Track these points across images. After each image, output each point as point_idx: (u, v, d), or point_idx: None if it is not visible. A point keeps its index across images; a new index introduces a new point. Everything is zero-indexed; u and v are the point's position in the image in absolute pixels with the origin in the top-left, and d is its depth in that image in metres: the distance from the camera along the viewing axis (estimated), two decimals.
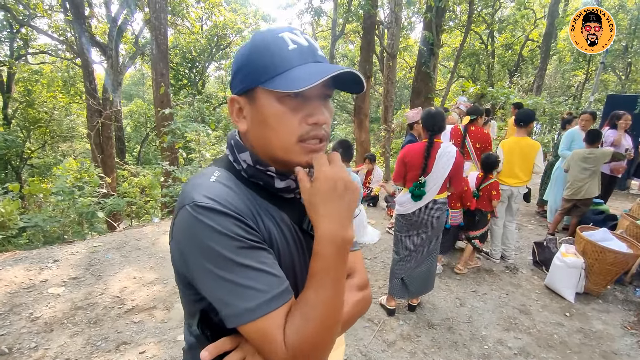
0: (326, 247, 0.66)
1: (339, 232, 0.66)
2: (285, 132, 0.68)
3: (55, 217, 6.13)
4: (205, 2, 17.20)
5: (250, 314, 0.61)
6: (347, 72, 0.66)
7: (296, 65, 0.66)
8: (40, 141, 17.54)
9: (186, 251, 0.65)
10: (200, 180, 0.70)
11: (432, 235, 2.98)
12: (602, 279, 3.43)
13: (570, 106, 14.79)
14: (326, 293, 0.65)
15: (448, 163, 2.76)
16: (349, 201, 0.67)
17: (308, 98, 0.68)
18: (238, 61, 0.71)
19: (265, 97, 0.67)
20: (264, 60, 0.67)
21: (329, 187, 0.66)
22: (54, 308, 3.01)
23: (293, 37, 0.68)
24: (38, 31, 13.65)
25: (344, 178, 0.66)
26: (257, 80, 0.67)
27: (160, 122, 8.55)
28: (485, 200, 3.72)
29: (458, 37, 17.39)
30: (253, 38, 0.70)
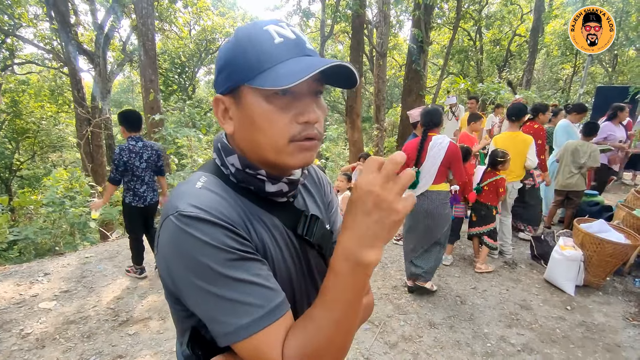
0: (340, 263, 0.57)
1: (355, 250, 0.55)
2: (275, 132, 0.62)
3: (46, 228, 6.02)
4: (193, 6, 17.09)
5: (243, 331, 0.56)
6: (339, 65, 0.59)
7: (283, 60, 0.60)
8: (30, 152, 17.31)
9: (172, 265, 0.60)
10: (185, 188, 0.65)
11: (434, 225, 3.11)
12: (602, 270, 3.42)
13: (560, 99, 14.92)
14: (335, 315, 0.58)
15: (439, 153, 2.99)
16: (378, 220, 0.53)
17: (298, 95, 0.62)
18: (221, 58, 0.65)
19: (252, 95, 0.62)
20: (249, 57, 0.61)
21: (357, 198, 0.54)
22: (46, 323, 2.92)
23: (279, 30, 0.62)
24: (24, 41, 13.45)
25: (375, 192, 0.52)
26: (242, 78, 0.61)
27: (150, 129, 8.44)
28: (492, 194, 3.71)
29: (447, 34, 17.46)
30: (236, 33, 0.65)
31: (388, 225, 0.53)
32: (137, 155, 3.43)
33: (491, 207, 3.74)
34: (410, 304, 3.24)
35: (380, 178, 0.52)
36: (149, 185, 3.58)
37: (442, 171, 3.05)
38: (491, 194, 3.72)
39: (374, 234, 0.53)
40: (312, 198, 0.85)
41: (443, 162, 3.00)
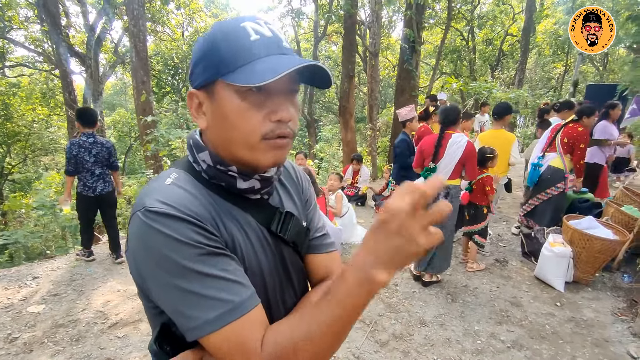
0: (351, 273, 0.56)
1: (369, 266, 0.54)
2: (248, 129, 0.62)
3: (37, 232, 5.97)
4: (186, 8, 17.05)
5: (210, 325, 0.56)
6: (314, 65, 0.60)
7: (259, 58, 0.60)
8: (21, 155, 17.12)
9: (140, 261, 0.60)
10: (155, 184, 0.65)
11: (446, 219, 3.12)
12: (590, 266, 3.44)
13: (552, 98, 15.03)
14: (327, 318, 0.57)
15: (458, 151, 3.14)
16: (398, 247, 0.52)
17: (272, 93, 0.62)
18: (197, 52, 0.65)
19: (226, 91, 0.61)
20: (224, 52, 0.61)
21: (384, 219, 0.52)
22: (34, 327, 2.89)
23: (256, 27, 0.62)
24: (14, 43, 13.33)
25: (402, 221, 0.50)
26: (216, 73, 0.61)
27: (143, 130, 8.42)
28: (480, 194, 3.69)
29: (439, 34, 17.55)
30: (213, 28, 0.64)
31: (405, 253, 0.52)
32: (86, 150, 3.75)
33: (480, 207, 3.71)
34: (401, 303, 3.24)
35: (410, 206, 0.49)
36: (100, 177, 3.88)
37: (458, 168, 3.22)
38: (479, 193, 3.69)
39: (390, 258, 0.53)
40: (288, 195, 0.85)
41: (460, 160, 3.17)
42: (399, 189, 0.52)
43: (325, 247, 0.86)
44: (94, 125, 3.83)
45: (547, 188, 4.10)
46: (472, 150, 3.20)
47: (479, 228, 3.74)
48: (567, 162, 3.99)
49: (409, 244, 0.51)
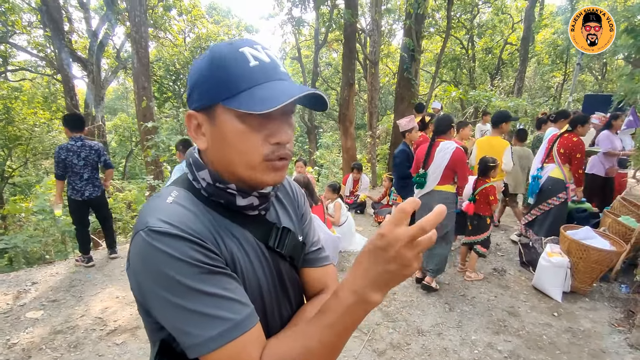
0: (345, 293, 0.59)
1: (364, 288, 0.57)
2: (248, 151, 0.65)
3: (37, 236, 5.97)
4: (188, 14, 17.18)
5: (212, 343, 0.58)
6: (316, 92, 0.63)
7: (259, 83, 0.63)
8: (22, 159, 17.14)
9: (142, 279, 0.62)
10: (156, 203, 0.67)
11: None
12: (588, 277, 3.46)
13: (551, 107, 15.10)
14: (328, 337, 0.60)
15: (445, 157, 3.28)
16: (394, 271, 0.56)
17: (270, 116, 0.64)
18: (195, 75, 0.67)
19: (226, 115, 0.64)
20: (224, 77, 0.63)
21: (379, 246, 0.56)
22: (32, 333, 2.90)
23: (254, 53, 0.65)
24: (17, 48, 13.42)
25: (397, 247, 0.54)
26: (217, 97, 0.64)
27: (144, 136, 8.45)
28: (483, 204, 3.69)
29: (439, 43, 17.67)
30: (211, 52, 0.66)
31: (400, 277, 0.57)
32: (74, 154, 3.84)
33: (483, 217, 3.70)
34: (399, 312, 3.25)
35: (407, 237, 0.53)
36: (88, 181, 3.98)
37: (447, 174, 3.33)
38: (482, 204, 3.69)
39: (385, 281, 0.57)
40: (285, 210, 0.87)
41: (448, 165, 3.28)
42: (394, 213, 0.55)
43: (321, 261, 0.88)
44: (81, 129, 3.95)
45: (548, 198, 4.14)
46: (461, 157, 3.30)
47: (482, 239, 3.73)
48: (567, 172, 4.03)
49: (404, 269, 0.55)
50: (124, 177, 18.90)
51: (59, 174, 3.85)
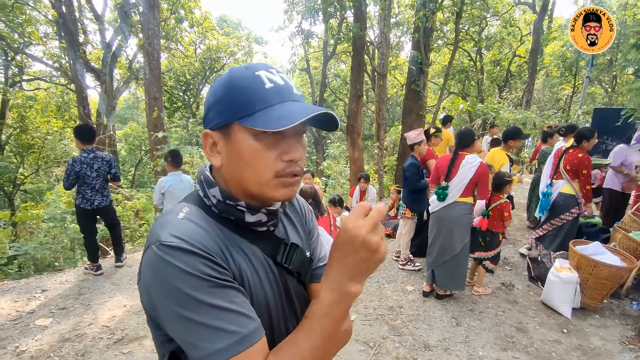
0: (327, 293, 0.65)
1: (344, 283, 0.64)
2: (261, 168, 0.67)
3: (47, 244, 6.05)
4: (199, 26, 17.53)
5: (219, 356, 0.60)
6: (324, 112, 0.67)
7: (274, 104, 0.66)
8: (34, 166, 17.45)
9: (152, 292, 0.64)
10: (168, 218, 0.69)
11: (455, 233, 3.45)
12: (598, 293, 3.40)
13: (560, 119, 15.01)
14: (317, 340, 0.65)
15: (470, 171, 3.35)
16: (365, 259, 0.61)
17: (284, 135, 0.68)
18: (213, 96, 0.70)
19: (242, 133, 0.67)
20: (241, 97, 0.67)
21: (346, 240, 0.61)
22: (41, 341, 2.93)
23: (269, 76, 0.69)
24: (33, 58, 13.76)
25: (360, 235, 0.59)
26: (233, 116, 0.67)
27: (154, 146, 8.56)
28: (496, 220, 3.65)
29: (447, 55, 17.75)
30: (229, 75, 0.70)
31: (373, 263, 0.62)
32: (88, 165, 3.92)
33: (496, 234, 3.66)
34: (405, 325, 3.23)
35: (368, 225, 0.60)
36: (99, 192, 4.06)
37: (469, 187, 3.40)
38: (496, 220, 3.65)
39: (360, 270, 0.63)
40: (293, 226, 0.89)
41: (472, 179, 3.36)
42: (352, 211, 0.62)
43: None
44: (93, 141, 4.03)
45: (561, 214, 4.09)
46: (485, 172, 3.38)
47: (492, 255, 3.69)
48: (577, 188, 3.99)
49: (374, 254, 0.61)
50: (133, 185, 19.10)
51: (67, 186, 3.92)
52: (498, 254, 3.73)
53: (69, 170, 3.85)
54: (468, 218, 3.47)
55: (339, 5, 8.72)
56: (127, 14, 10.95)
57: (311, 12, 10.65)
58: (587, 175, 3.93)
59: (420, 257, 4.66)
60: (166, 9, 14.44)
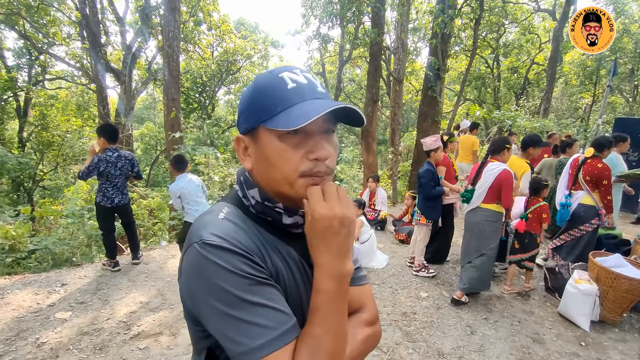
0: (325, 282, 0.68)
1: (336, 266, 0.68)
2: (287, 168, 0.69)
3: (65, 239, 6.19)
4: (217, 29, 17.78)
5: (259, 351, 0.61)
6: (346, 106, 0.66)
7: (295, 104, 0.67)
8: (53, 163, 17.88)
9: (194, 289, 0.66)
10: (209, 218, 0.71)
11: (480, 238, 3.55)
12: (618, 306, 3.33)
13: (579, 128, 14.75)
14: (330, 326, 0.67)
15: (490, 178, 3.46)
16: (345, 235, 0.68)
17: (309, 134, 0.69)
18: (242, 102, 0.74)
19: (267, 135, 0.69)
20: (264, 101, 0.69)
21: (325, 226, 0.66)
22: (60, 333, 3.00)
23: (292, 77, 0.70)
24: (56, 58, 14.14)
25: (337, 215, 0.66)
26: (258, 119, 0.69)
27: (170, 146, 8.70)
28: (535, 222, 3.79)
29: (464, 61, 17.63)
30: (255, 80, 0.73)
31: (352, 234, 0.70)
32: (113, 165, 4.03)
33: (535, 235, 3.82)
34: (419, 332, 3.21)
35: (335, 203, 0.67)
36: (119, 190, 4.17)
37: (491, 194, 3.48)
38: (534, 222, 3.78)
39: (346, 248, 0.69)
40: None
41: (493, 185, 3.44)
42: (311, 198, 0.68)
43: (358, 280, 0.89)
44: (117, 140, 4.14)
45: (580, 225, 4.02)
46: (506, 178, 3.40)
47: (529, 256, 3.85)
48: (597, 199, 3.93)
49: (350, 226, 0.68)
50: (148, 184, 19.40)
51: (83, 177, 3.95)
52: (535, 255, 3.87)
53: (91, 167, 3.93)
54: (490, 225, 3.52)
55: (357, 11, 8.74)
56: (148, 17, 11.18)
57: (329, 16, 10.71)
58: (608, 185, 3.86)
59: (434, 264, 4.63)
60: (185, 11, 14.69)
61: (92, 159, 3.94)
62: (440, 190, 4.12)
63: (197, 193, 4.16)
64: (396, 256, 5.06)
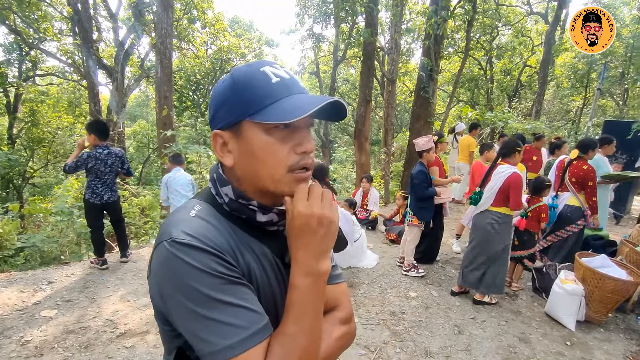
0: (301, 279, 0.68)
1: (313, 264, 0.68)
2: (275, 163, 0.68)
3: (53, 237, 6.12)
4: (211, 27, 17.68)
5: (230, 351, 0.60)
6: (333, 100, 0.67)
7: (283, 97, 0.67)
8: (43, 160, 17.66)
9: (164, 288, 0.64)
10: (180, 215, 0.70)
11: (489, 240, 3.57)
12: (603, 306, 3.37)
13: (570, 130, 14.91)
14: (304, 325, 0.67)
15: (499, 180, 3.48)
16: (324, 235, 0.68)
17: (296, 128, 0.69)
18: (220, 96, 0.71)
19: (253, 129, 0.68)
20: (249, 94, 0.67)
21: (302, 224, 0.67)
22: (45, 332, 2.96)
23: (275, 71, 0.69)
24: (47, 54, 13.96)
25: (316, 214, 0.67)
26: (243, 113, 0.67)
27: (162, 144, 8.64)
28: (534, 221, 3.88)
29: (457, 63, 17.72)
30: (233, 74, 0.71)
31: (331, 235, 0.70)
32: (102, 162, 4.00)
33: (533, 233, 3.92)
34: (407, 331, 3.22)
35: (315, 202, 0.67)
36: (108, 187, 4.14)
37: (501, 196, 3.49)
38: (533, 221, 3.87)
39: (325, 246, 0.69)
40: None
41: (501, 188, 3.46)
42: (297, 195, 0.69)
43: (334, 278, 0.89)
44: (107, 137, 4.13)
45: (567, 226, 4.14)
46: (514, 181, 3.41)
47: (529, 253, 3.92)
48: (583, 200, 4.00)
49: (329, 226, 0.68)
50: (140, 182, 19.24)
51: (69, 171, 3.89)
52: (534, 253, 3.97)
53: (79, 162, 3.88)
54: (498, 228, 3.55)
55: (351, 11, 8.75)
56: (141, 13, 11.08)
57: (323, 16, 10.71)
58: (593, 186, 3.98)
59: (424, 264, 4.65)
60: (179, 9, 14.59)
61: (80, 154, 3.91)
62: (433, 192, 4.12)
63: (184, 187, 4.50)
64: (386, 256, 5.07)
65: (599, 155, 4.79)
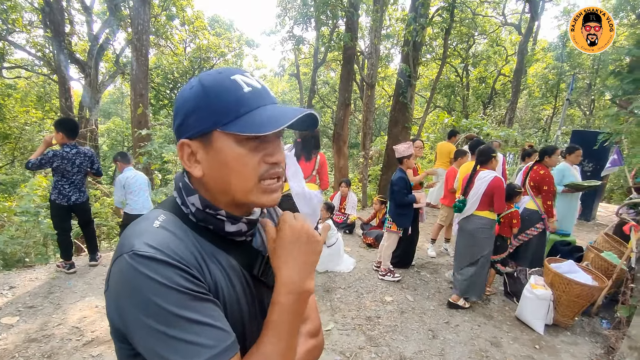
0: (284, 296, 0.67)
1: (298, 281, 0.68)
2: (247, 173, 0.66)
3: (18, 238, 5.84)
4: (190, 25, 17.39)
5: None
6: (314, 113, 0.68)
7: (255, 108, 0.65)
8: (9, 157, 16.89)
9: (123, 304, 0.60)
10: (143, 226, 0.66)
11: (474, 245, 3.68)
12: (570, 310, 3.49)
13: (540, 138, 15.45)
14: (281, 345, 0.66)
15: (482, 186, 3.60)
16: (311, 253, 0.70)
17: (266, 138, 0.67)
18: (188, 103, 0.67)
19: (224, 140, 0.65)
20: (221, 103, 0.64)
21: (294, 237, 0.68)
22: (6, 340, 2.81)
23: (246, 80, 0.67)
24: (15, 46, 13.35)
25: (308, 231, 0.70)
26: (215, 123, 0.65)
27: (137, 143, 8.41)
28: (506, 227, 3.98)
29: (435, 69, 18.08)
30: (202, 81, 0.67)
31: (317, 255, 0.71)
32: (69, 161, 3.85)
33: (506, 238, 4.04)
34: (382, 336, 3.23)
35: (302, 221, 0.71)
36: (77, 187, 3.99)
37: (485, 200, 3.60)
38: (506, 226, 3.97)
39: (310, 265, 0.70)
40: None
41: (486, 192, 3.57)
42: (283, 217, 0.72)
43: None
44: (76, 136, 3.98)
45: (527, 229, 4.30)
46: (498, 185, 3.56)
47: (501, 258, 4.05)
48: (540, 204, 4.23)
49: (316, 245, 0.71)
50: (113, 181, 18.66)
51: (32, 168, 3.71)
52: (506, 257, 4.09)
53: (44, 160, 3.71)
54: (484, 232, 3.67)
55: (331, 14, 8.79)
56: (117, 7, 10.77)
57: (303, 18, 10.71)
58: (548, 191, 4.19)
59: (400, 268, 4.69)
60: (157, 5, 14.27)
61: (46, 152, 3.75)
62: (413, 199, 4.16)
63: (143, 186, 4.44)
64: (363, 260, 5.09)
65: (565, 164, 4.95)
